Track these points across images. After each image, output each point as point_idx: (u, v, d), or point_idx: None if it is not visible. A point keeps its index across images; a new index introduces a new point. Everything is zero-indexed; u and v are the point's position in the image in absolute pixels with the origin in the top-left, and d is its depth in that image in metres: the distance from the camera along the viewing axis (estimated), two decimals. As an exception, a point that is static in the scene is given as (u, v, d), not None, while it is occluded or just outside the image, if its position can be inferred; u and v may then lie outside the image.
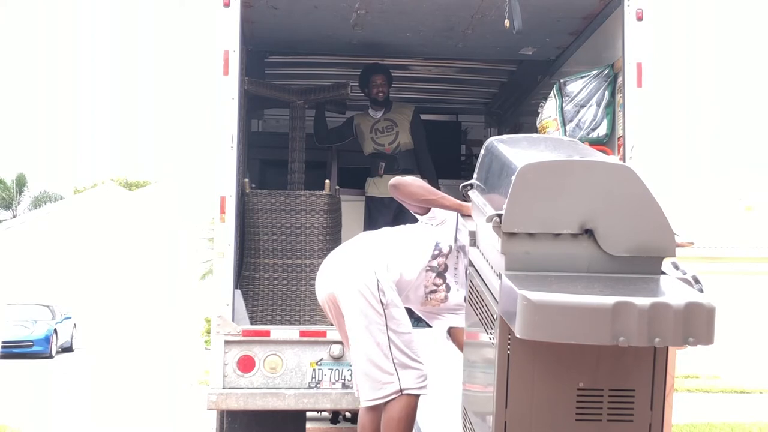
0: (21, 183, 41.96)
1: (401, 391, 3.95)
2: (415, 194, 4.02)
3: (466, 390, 3.51)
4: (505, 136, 3.51)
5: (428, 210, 4.09)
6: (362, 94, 7.27)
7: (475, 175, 3.47)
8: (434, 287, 4.12)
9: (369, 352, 3.97)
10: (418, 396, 4.01)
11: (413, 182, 4.07)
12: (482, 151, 3.43)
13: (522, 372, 2.80)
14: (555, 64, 7.03)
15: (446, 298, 4.13)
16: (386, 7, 6.02)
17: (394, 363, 3.96)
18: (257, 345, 5.34)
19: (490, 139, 3.40)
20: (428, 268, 4.10)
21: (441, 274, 4.11)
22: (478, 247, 3.28)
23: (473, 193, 3.47)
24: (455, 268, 4.10)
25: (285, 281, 6.23)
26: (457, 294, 4.10)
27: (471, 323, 3.39)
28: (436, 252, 4.09)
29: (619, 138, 5.59)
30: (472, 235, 3.34)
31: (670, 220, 2.83)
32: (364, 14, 6.12)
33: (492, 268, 2.99)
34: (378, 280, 3.97)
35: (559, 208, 2.79)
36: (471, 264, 3.38)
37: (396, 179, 4.07)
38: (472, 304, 3.34)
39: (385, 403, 3.98)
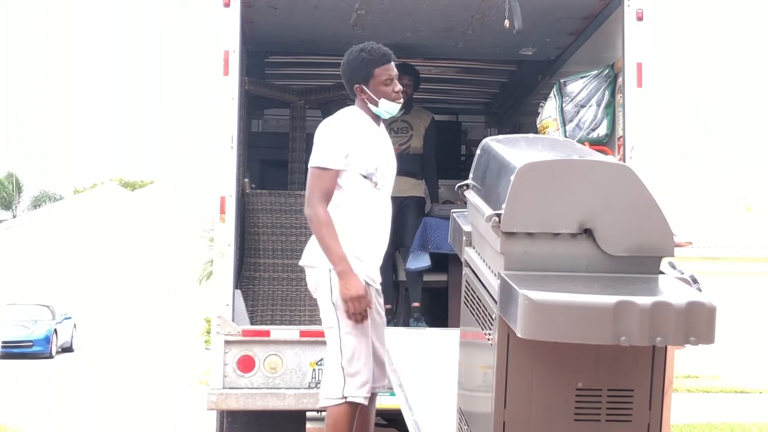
0: (15, 182, 41.55)
1: (345, 397, 3.98)
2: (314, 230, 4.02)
3: (462, 391, 3.51)
4: (501, 136, 3.50)
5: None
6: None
7: (470, 175, 3.45)
8: None
9: (327, 354, 4.05)
10: (358, 404, 4.01)
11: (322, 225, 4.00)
12: (478, 151, 3.41)
13: (521, 372, 2.80)
14: (555, 64, 7.03)
15: None
16: (386, 8, 6.02)
17: (342, 368, 3.97)
18: (257, 345, 5.34)
19: (485, 140, 3.37)
20: None
21: None
22: (474, 248, 3.27)
23: (469, 193, 3.45)
24: None
25: (285, 281, 6.23)
26: None
27: (467, 324, 3.38)
28: None
29: (619, 138, 5.59)
30: (468, 235, 3.33)
31: (669, 220, 2.83)
32: (364, 14, 6.12)
33: (490, 267, 2.99)
34: (330, 278, 3.97)
35: (558, 207, 2.79)
36: (466, 264, 3.37)
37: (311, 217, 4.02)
38: (468, 305, 3.33)
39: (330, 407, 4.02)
